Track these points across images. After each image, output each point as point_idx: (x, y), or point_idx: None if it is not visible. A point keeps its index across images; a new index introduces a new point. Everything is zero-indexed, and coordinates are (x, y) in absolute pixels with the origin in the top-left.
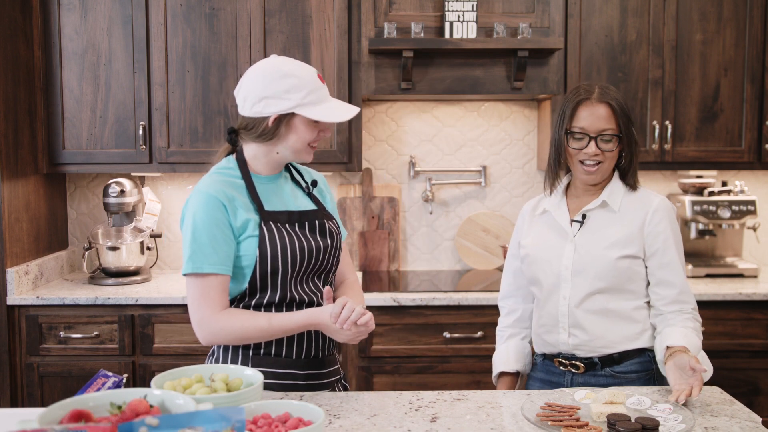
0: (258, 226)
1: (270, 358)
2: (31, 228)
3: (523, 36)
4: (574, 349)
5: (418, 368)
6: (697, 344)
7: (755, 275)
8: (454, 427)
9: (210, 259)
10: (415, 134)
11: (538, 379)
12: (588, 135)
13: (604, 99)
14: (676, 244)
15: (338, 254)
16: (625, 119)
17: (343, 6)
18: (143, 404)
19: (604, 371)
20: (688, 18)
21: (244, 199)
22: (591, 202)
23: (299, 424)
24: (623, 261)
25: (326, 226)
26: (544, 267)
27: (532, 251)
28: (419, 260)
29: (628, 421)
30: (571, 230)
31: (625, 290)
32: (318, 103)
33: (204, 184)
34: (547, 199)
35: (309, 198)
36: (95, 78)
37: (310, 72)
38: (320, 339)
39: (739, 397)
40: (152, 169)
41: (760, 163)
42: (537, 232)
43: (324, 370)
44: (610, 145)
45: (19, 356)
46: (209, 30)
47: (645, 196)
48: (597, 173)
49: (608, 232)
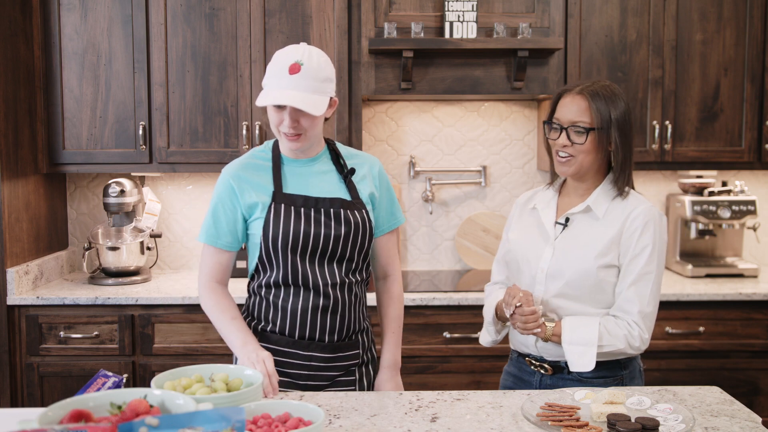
0: (267, 207)
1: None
2: (31, 228)
3: (523, 36)
4: (542, 351)
5: (418, 368)
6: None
7: (755, 275)
8: (454, 427)
9: (209, 231)
10: (415, 134)
11: (511, 374)
12: (561, 126)
13: (584, 92)
14: (650, 257)
15: (361, 244)
16: (605, 114)
17: (343, 6)
18: (143, 404)
19: (572, 375)
20: (688, 18)
21: (264, 181)
22: (576, 206)
23: (299, 424)
24: (600, 271)
25: (346, 214)
26: (522, 266)
27: (514, 246)
28: (419, 260)
29: (628, 421)
30: (553, 232)
31: (596, 300)
32: (266, 88)
33: (228, 165)
34: (541, 193)
35: (344, 184)
36: (95, 78)
37: (282, 58)
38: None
39: (739, 397)
40: (152, 169)
41: (760, 163)
42: (522, 228)
43: (330, 354)
44: (581, 138)
45: (19, 356)
46: (209, 30)
47: (630, 203)
48: (569, 165)
49: (588, 239)
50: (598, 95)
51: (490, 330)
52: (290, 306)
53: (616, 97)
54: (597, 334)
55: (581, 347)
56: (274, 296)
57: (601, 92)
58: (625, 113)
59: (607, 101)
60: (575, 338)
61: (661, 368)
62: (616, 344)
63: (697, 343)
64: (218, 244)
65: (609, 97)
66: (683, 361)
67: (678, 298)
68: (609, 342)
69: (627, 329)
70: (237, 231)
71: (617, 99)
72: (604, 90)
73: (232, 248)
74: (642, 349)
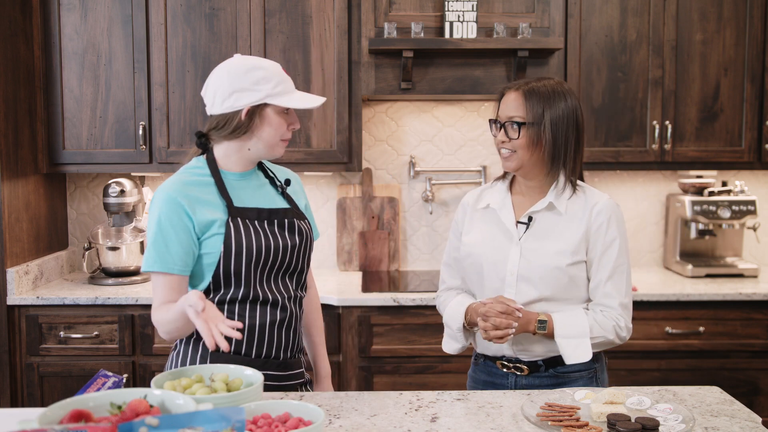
0: (224, 223)
1: (227, 356)
2: (31, 228)
3: (523, 36)
4: (519, 352)
5: (418, 368)
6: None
7: (755, 275)
8: (454, 427)
9: (162, 257)
10: (415, 134)
11: (480, 381)
12: (498, 122)
13: (521, 88)
14: (619, 250)
15: (309, 254)
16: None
17: (343, 6)
18: (143, 404)
19: (548, 372)
20: (688, 18)
21: (212, 197)
22: (537, 203)
23: (299, 424)
24: (572, 268)
25: (297, 224)
26: (488, 269)
27: (475, 250)
28: (419, 260)
29: (628, 421)
30: (517, 232)
31: (570, 297)
32: (285, 93)
33: (166, 185)
34: (489, 191)
35: (282, 197)
36: (95, 78)
37: (275, 65)
38: (282, 340)
39: (739, 397)
40: (152, 169)
41: (760, 163)
42: (480, 230)
43: (283, 373)
44: (515, 133)
45: (19, 356)
46: (209, 30)
47: (590, 197)
48: (510, 161)
49: (555, 236)
50: (534, 92)
51: (458, 337)
52: (248, 322)
53: (556, 94)
54: (588, 325)
55: (575, 339)
56: (229, 314)
57: (538, 89)
58: (565, 110)
59: (542, 98)
60: (567, 332)
61: (661, 368)
62: (606, 335)
63: (697, 343)
64: (174, 269)
65: (546, 94)
66: (683, 361)
67: (678, 298)
68: (599, 333)
69: (614, 320)
70: (191, 252)
71: (557, 96)
72: (542, 87)
73: (185, 273)
74: (626, 338)
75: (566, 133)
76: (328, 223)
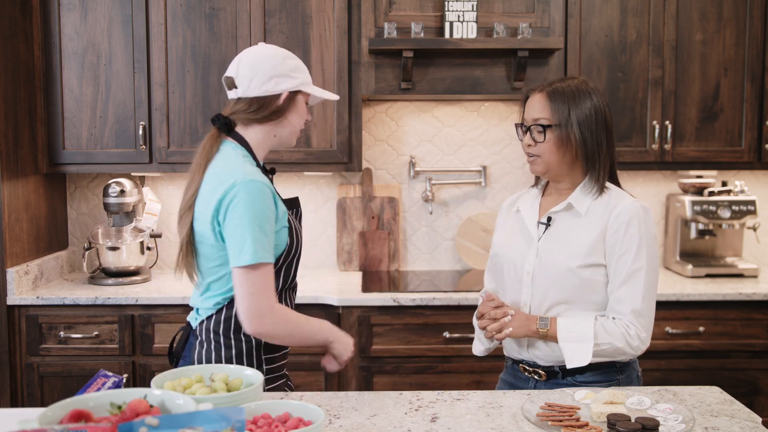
0: (286, 216)
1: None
2: (31, 228)
3: (523, 36)
4: (535, 357)
5: (418, 368)
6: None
7: (755, 275)
8: (454, 427)
9: (267, 248)
10: (415, 134)
11: (506, 383)
12: (524, 125)
13: (545, 90)
14: (637, 254)
15: None
16: (564, 111)
17: (343, 6)
18: (143, 404)
19: (566, 380)
20: (688, 18)
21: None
22: (558, 204)
23: (299, 424)
24: (584, 271)
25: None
26: (508, 269)
27: (500, 251)
28: (419, 260)
29: (628, 421)
30: (536, 233)
31: (588, 301)
32: (311, 84)
33: (250, 172)
34: (525, 195)
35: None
36: (95, 78)
37: (296, 60)
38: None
39: (739, 397)
40: (152, 169)
41: (760, 163)
42: (507, 231)
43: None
44: (541, 136)
45: (19, 356)
46: (209, 30)
47: (612, 201)
48: (536, 165)
49: (571, 238)
50: (558, 92)
51: (482, 339)
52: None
53: (581, 93)
54: (593, 330)
55: (577, 343)
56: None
57: (562, 89)
58: (591, 110)
59: (567, 98)
60: (570, 335)
61: (661, 368)
62: (613, 342)
63: (697, 343)
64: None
65: (571, 93)
66: (683, 361)
67: (678, 298)
68: (606, 339)
69: (624, 328)
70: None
71: (581, 96)
72: (567, 87)
73: None
74: (642, 349)
75: (596, 132)
76: (328, 223)
